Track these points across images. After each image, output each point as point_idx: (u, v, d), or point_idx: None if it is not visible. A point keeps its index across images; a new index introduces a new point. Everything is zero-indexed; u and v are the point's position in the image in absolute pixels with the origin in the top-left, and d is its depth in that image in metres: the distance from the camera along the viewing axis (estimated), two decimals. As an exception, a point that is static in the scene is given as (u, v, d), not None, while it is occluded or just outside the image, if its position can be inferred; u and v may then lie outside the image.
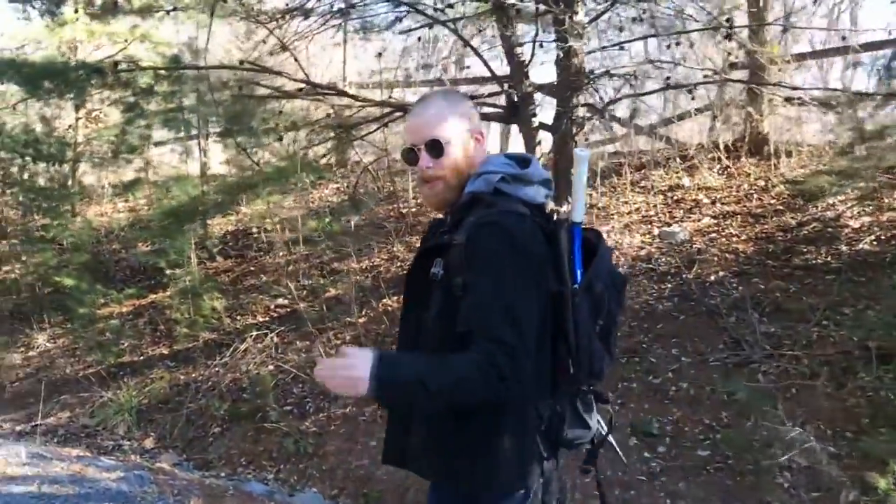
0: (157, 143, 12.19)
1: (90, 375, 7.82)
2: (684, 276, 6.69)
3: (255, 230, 9.89)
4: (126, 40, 8.99)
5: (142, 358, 7.94)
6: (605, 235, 2.19)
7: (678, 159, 9.17)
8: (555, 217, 2.06)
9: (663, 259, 7.17)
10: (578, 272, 1.95)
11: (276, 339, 7.44)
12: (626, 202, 8.44)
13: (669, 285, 6.72)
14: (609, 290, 2.01)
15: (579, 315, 1.90)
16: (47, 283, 9.27)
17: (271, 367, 7.08)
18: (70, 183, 9.45)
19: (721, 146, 8.99)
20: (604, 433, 2.08)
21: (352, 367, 1.75)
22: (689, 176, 8.79)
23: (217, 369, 7.19)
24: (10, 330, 9.22)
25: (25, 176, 9.73)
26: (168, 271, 8.64)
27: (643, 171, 9.22)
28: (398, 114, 7.49)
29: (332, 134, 7.77)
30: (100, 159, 9.76)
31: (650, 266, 7.11)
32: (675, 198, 8.42)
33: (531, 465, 1.92)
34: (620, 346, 5.77)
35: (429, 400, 1.78)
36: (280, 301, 8.20)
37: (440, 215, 2.14)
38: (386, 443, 2.12)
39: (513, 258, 1.84)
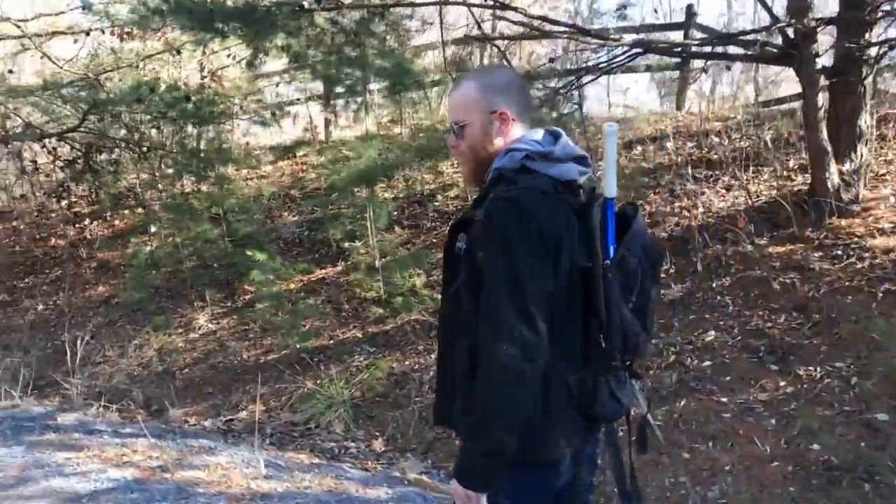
0: (290, 103, 11.21)
1: (275, 362, 6.84)
2: None
3: (425, 197, 8.79)
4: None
5: (332, 342, 6.91)
6: None
7: None
8: (593, 193, 2.03)
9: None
10: (611, 248, 1.97)
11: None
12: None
13: None
14: (643, 266, 2.01)
15: (610, 291, 1.91)
16: (202, 257, 8.29)
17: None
18: (226, 146, 8.42)
19: None
20: (643, 411, 2.13)
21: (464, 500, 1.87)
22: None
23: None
24: (160, 309, 8.29)
25: (176, 138, 8.77)
26: (347, 244, 7.60)
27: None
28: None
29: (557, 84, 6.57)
30: (257, 120, 8.77)
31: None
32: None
33: (558, 436, 1.94)
34: None
35: (504, 438, 1.80)
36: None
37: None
38: (436, 406, 2.17)
39: (523, 234, 1.83)
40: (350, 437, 5.61)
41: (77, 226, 10.84)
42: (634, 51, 6.16)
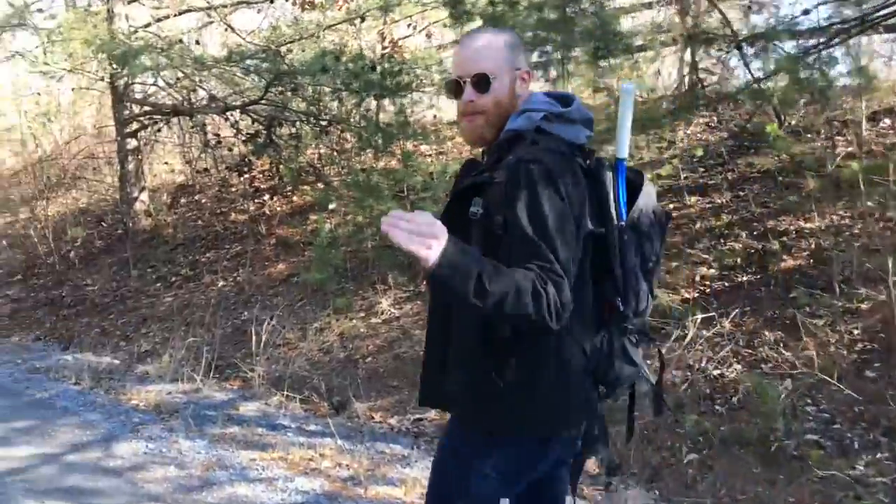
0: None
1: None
2: None
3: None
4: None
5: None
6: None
7: None
8: (595, 156, 1.99)
9: None
10: (623, 209, 1.92)
11: (727, 325, 5.37)
12: None
13: None
14: (653, 228, 1.98)
15: (626, 252, 1.88)
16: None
17: (738, 367, 5.04)
18: (410, 119, 7.83)
19: None
20: (647, 374, 2.00)
21: (431, 227, 1.65)
22: None
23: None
24: (341, 291, 7.85)
25: (359, 111, 8.28)
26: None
27: None
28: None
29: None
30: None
31: None
32: None
33: (575, 407, 1.92)
34: None
35: (481, 298, 1.67)
36: (705, 271, 6.10)
37: (474, 156, 2.20)
38: (422, 385, 2.11)
39: (553, 198, 1.79)
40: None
41: (257, 201, 10.71)
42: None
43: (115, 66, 9.66)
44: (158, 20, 10.35)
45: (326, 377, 6.57)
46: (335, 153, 8.90)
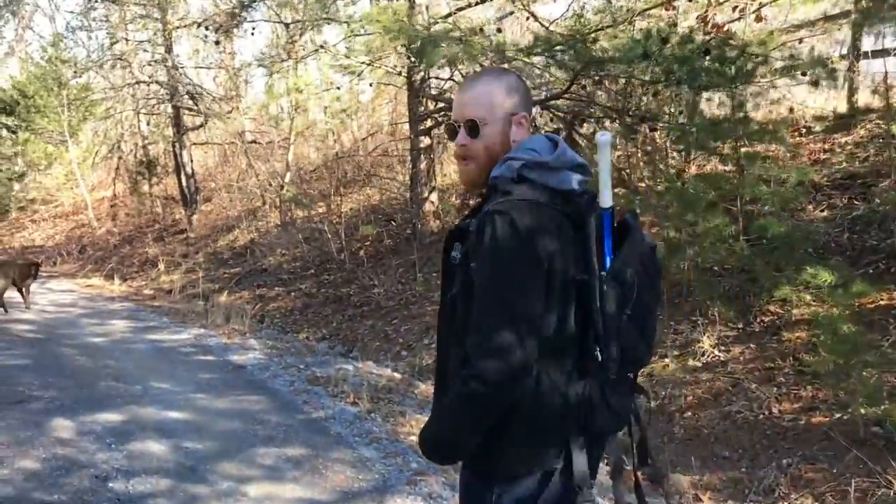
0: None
1: (828, 430, 4.66)
2: None
3: None
4: None
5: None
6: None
7: None
8: (593, 201, 1.93)
9: None
10: (608, 259, 1.89)
11: None
12: None
13: None
14: (640, 277, 1.90)
15: (606, 302, 1.84)
16: (709, 260, 6.36)
17: None
18: (750, 114, 6.34)
19: None
20: (637, 423, 2.02)
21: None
22: None
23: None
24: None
25: (680, 106, 6.96)
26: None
27: None
28: None
29: None
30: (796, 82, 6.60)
31: None
32: None
33: (546, 448, 1.89)
34: None
35: (459, 444, 1.87)
36: None
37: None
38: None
39: (515, 250, 1.79)
40: None
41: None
42: None
43: (412, 57, 9.22)
44: (458, 10, 9.75)
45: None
46: (650, 154, 7.62)
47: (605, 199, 1.91)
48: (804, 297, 5.78)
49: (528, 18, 9.81)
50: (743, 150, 6.20)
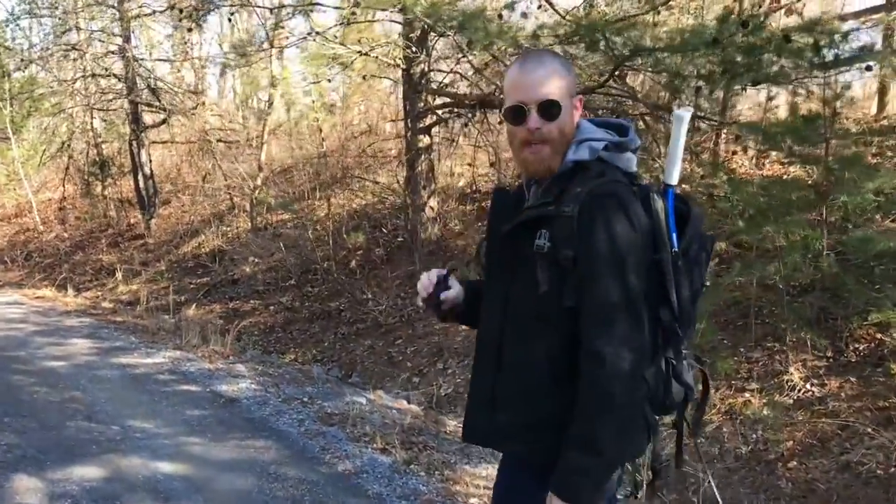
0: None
1: None
2: None
3: None
4: None
5: None
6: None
7: None
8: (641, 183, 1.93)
9: None
10: (674, 237, 1.87)
11: None
12: None
13: None
14: (701, 254, 1.94)
15: (680, 279, 1.85)
16: (793, 278, 5.50)
17: None
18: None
19: None
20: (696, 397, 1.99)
21: None
22: None
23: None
24: (711, 345, 5.69)
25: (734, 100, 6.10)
26: None
27: None
28: None
29: None
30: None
31: None
32: None
33: (641, 433, 1.87)
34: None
35: (607, 458, 1.75)
36: None
37: (507, 185, 2.69)
38: (468, 420, 2.01)
39: (627, 232, 1.77)
40: None
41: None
42: None
43: (412, 47, 8.24)
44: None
45: (725, 481, 4.50)
46: (698, 156, 6.76)
47: (673, 177, 1.92)
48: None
49: (539, 7, 8.92)
50: (836, 151, 5.34)
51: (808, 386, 5.07)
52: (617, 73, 6.91)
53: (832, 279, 5.33)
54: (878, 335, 5.15)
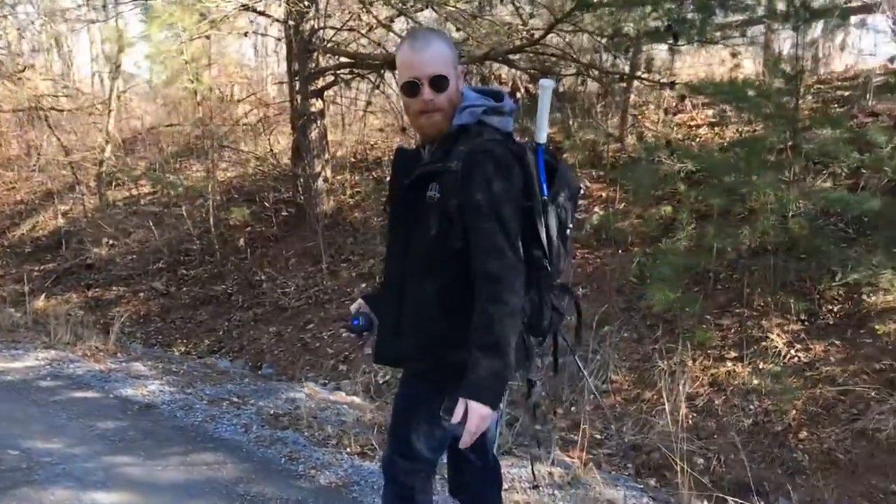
0: None
1: None
2: None
3: None
4: None
5: None
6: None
7: None
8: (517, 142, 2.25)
9: None
10: (544, 186, 2.16)
11: None
12: None
13: None
14: (568, 201, 2.25)
15: (549, 222, 2.15)
16: (766, 237, 5.30)
17: None
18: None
19: None
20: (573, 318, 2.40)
21: (476, 425, 1.98)
22: None
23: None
24: (688, 313, 5.42)
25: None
26: None
27: None
28: None
29: None
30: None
31: None
32: None
33: (520, 356, 2.12)
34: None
35: (505, 357, 1.99)
36: None
37: (406, 145, 2.76)
38: (378, 348, 2.34)
39: (504, 182, 2.06)
40: None
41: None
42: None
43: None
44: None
45: (734, 457, 4.22)
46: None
47: (542, 137, 2.22)
48: (879, 281, 4.95)
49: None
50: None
51: (792, 351, 4.91)
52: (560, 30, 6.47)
53: (804, 241, 5.19)
54: (854, 295, 5.07)
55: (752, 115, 5.57)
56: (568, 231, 2.26)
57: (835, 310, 5.10)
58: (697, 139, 7.11)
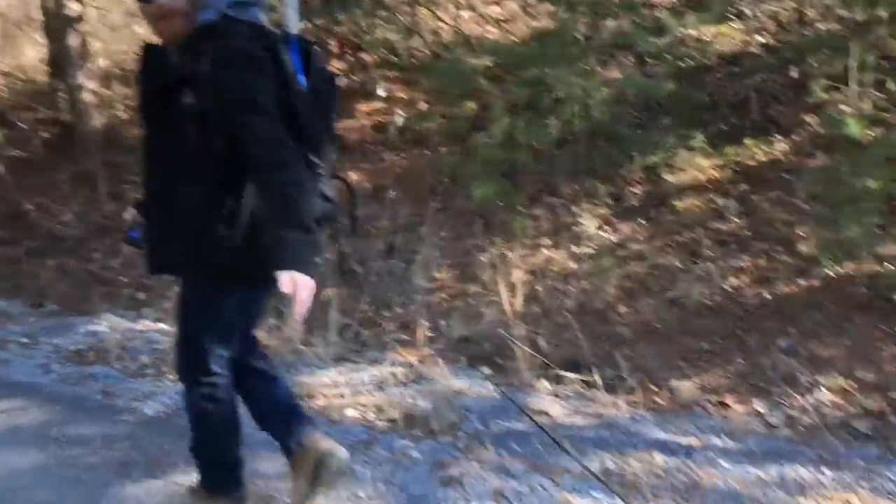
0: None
1: (822, 299, 4.21)
2: None
3: None
4: None
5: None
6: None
7: None
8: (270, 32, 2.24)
9: None
10: (301, 77, 2.20)
11: None
12: None
13: None
14: (327, 87, 2.31)
15: (307, 111, 2.16)
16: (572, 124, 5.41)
17: None
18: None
19: None
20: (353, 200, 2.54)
21: (305, 295, 2.01)
22: None
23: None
24: (507, 206, 5.46)
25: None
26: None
27: None
28: None
29: None
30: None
31: None
32: None
33: None
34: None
35: (310, 227, 2.05)
36: None
37: (153, 43, 2.25)
38: (148, 259, 2.32)
39: (258, 75, 2.06)
40: None
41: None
42: None
43: None
44: None
45: (561, 336, 4.39)
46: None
47: (291, 26, 2.47)
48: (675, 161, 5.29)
49: None
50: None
51: (602, 234, 5.13)
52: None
53: (605, 128, 5.38)
54: (653, 177, 5.35)
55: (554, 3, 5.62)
56: (331, 119, 2.32)
57: (637, 191, 5.37)
58: (490, 35, 7.11)
